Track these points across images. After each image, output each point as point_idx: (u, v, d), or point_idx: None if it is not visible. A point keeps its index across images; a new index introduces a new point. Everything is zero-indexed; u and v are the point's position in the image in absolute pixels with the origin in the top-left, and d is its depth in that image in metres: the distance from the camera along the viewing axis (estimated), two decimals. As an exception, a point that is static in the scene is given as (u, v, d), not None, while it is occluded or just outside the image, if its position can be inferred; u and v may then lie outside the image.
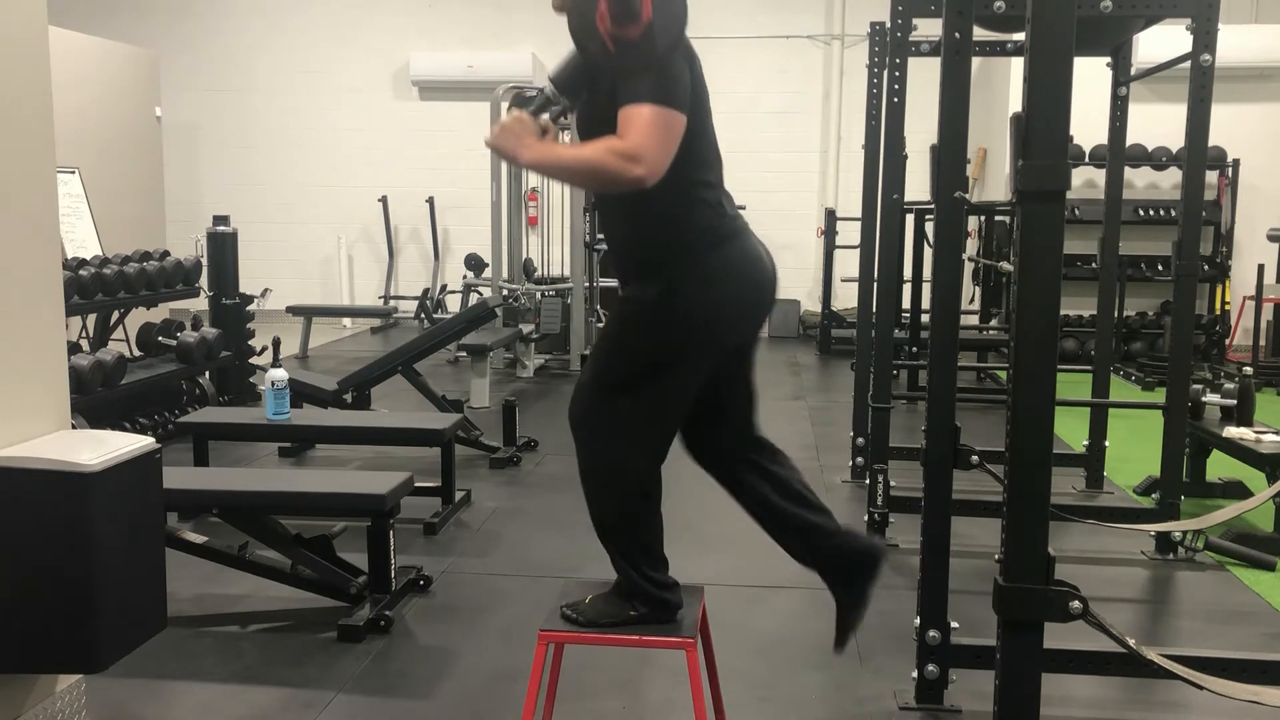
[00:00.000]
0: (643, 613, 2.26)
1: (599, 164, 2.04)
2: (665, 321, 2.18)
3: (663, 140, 2.04)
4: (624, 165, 2.02)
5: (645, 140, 2.01)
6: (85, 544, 2.21)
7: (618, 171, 2.03)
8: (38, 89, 2.40)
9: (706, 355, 2.25)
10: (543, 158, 2.16)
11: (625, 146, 2.02)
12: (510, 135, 2.16)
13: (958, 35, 2.72)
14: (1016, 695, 2.04)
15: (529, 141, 2.15)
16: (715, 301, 2.19)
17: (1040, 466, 1.96)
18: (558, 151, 2.16)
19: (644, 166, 2.01)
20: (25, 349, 2.37)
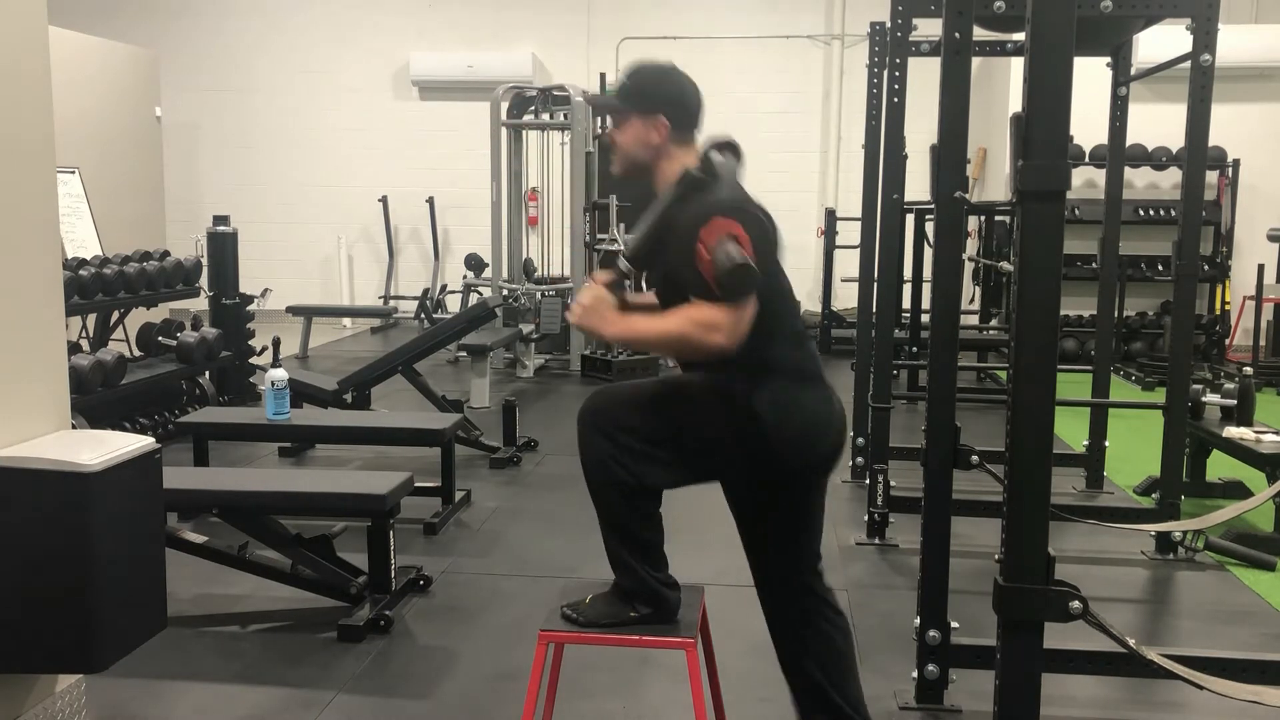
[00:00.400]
0: (643, 613, 2.25)
1: (682, 334, 2.13)
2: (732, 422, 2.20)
3: (741, 315, 2.10)
4: (705, 334, 2.09)
5: (722, 314, 2.08)
6: (85, 544, 2.20)
7: (700, 340, 2.10)
8: (38, 89, 2.40)
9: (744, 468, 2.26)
10: (626, 332, 2.26)
11: (704, 317, 2.09)
12: (593, 314, 2.24)
13: (958, 35, 2.72)
14: (1016, 695, 2.03)
15: (611, 317, 2.24)
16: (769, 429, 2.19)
17: (1040, 466, 1.96)
18: (639, 326, 2.23)
19: (723, 334, 2.09)
20: (25, 349, 2.37)
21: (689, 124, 2.31)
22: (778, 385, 2.21)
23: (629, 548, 2.26)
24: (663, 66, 2.36)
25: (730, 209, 2.13)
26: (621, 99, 2.31)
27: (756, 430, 2.19)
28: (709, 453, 2.24)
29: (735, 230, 2.08)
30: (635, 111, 2.28)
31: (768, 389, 2.20)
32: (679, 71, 2.35)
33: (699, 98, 2.33)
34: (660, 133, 2.27)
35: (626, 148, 2.31)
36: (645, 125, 2.27)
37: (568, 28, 10.61)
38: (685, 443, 2.24)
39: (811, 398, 2.26)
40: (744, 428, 2.19)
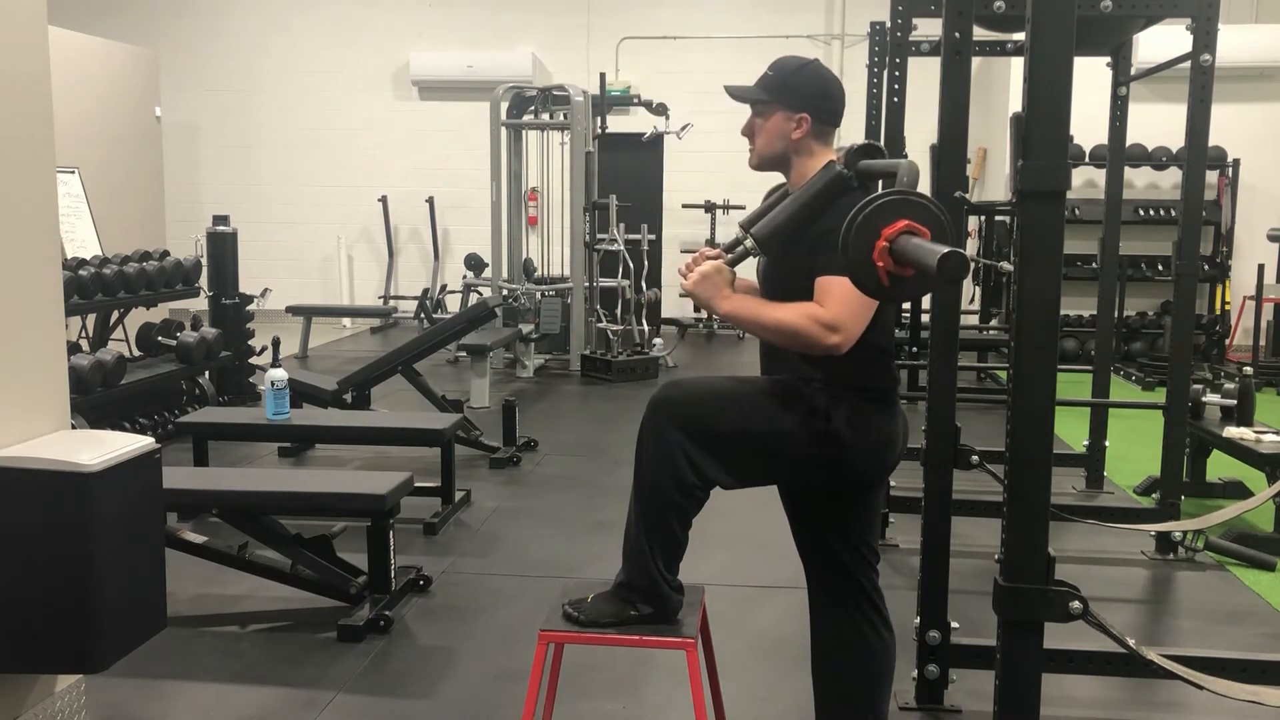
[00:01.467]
0: (644, 612, 2.25)
1: (799, 328, 2.11)
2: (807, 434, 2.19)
3: (861, 311, 2.10)
4: (823, 333, 2.09)
5: (844, 311, 2.08)
6: (85, 544, 2.20)
7: (816, 339, 2.10)
8: (38, 89, 2.40)
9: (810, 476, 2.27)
10: (741, 310, 2.22)
11: (826, 316, 2.09)
12: (709, 285, 2.22)
13: (958, 35, 2.72)
14: (1016, 695, 2.03)
15: (726, 292, 2.22)
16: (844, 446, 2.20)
17: (1040, 466, 1.96)
18: (757, 309, 2.21)
19: (841, 336, 2.09)
20: (25, 349, 2.37)
21: (831, 121, 2.29)
22: (857, 404, 2.21)
23: (656, 542, 2.24)
24: (807, 61, 2.33)
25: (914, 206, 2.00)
26: (766, 91, 2.29)
27: (830, 445, 2.19)
28: (776, 457, 2.24)
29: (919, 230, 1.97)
30: (780, 104, 2.27)
31: (847, 406, 2.20)
32: (824, 67, 2.33)
33: (843, 97, 2.32)
34: (802, 128, 2.26)
35: (767, 140, 2.29)
36: (787, 119, 2.26)
37: (568, 28, 10.61)
38: (755, 444, 2.23)
39: (885, 417, 2.26)
40: (818, 440, 2.19)
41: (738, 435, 2.22)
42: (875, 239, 1.96)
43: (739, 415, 2.24)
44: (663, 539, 2.25)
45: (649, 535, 2.24)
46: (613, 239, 8.06)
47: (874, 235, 1.96)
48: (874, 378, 2.26)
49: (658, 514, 2.24)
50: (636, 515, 2.26)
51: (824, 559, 2.37)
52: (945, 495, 2.77)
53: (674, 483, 2.21)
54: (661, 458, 2.21)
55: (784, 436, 2.21)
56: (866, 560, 2.37)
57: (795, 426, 2.20)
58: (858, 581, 2.35)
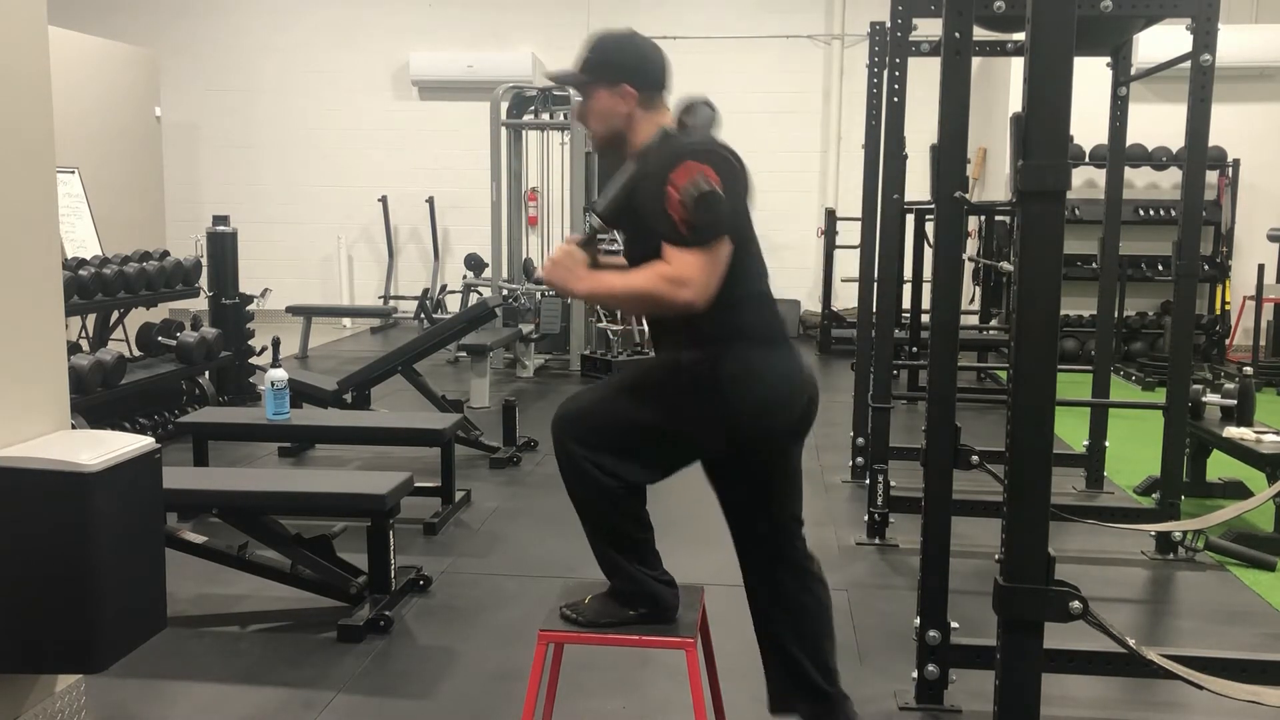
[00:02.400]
0: (642, 613, 2.25)
1: (649, 290, 2.11)
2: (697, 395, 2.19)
3: (707, 264, 2.09)
4: (672, 289, 2.08)
5: (690, 265, 2.08)
6: (85, 544, 2.20)
7: (668, 296, 2.09)
8: (38, 89, 2.40)
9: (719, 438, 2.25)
10: (595, 288, 2.23)
11: (674, 272, 2.08)
12: (562, 269, 2.22)
13: (958, 35, 2.72)
14: (1016, 695, 2.03)
15: (580, 273, 2.22)
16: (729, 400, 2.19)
17: (1040, 466, 1.96)
18: (608, 281, 2.22)
19: (691, 290, 2.08)
20: (25, 349, 2.37)
21: (655, 87, 2.29)
22: (740, 354, 2.19)
23: (620, 551, 2.26)
24: (621, 34, 2.34)
25: (700, 152, 2.11)
26: (584, 72, 2.29)
27: (723, 403, 2.18)
28: (681, 435, 2.24)
29: (706, 172, 2.05)
30: (600, 83, 2.27)
31: (730, 359, 2.18)
32: (638, 36, 2.33)
33: (663, 59, 2.32)
34: (628, 101, 2.25)
35: (598, 121, 2.30)
36: (612, 95, 2.26)
37: (567, 28, 10.60)
38: (652, 432, 2.23)
39: (776, 362, 2.24)
40: (710, 403, 2.18)
41: (631, 429, 2.23)
42: (663, 185, 2.00)
43: (629, 409, 2.24)
44: (624, 546, 2.26)
45: (611, 547, 2.27)
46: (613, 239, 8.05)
47: (662, 184, 2.00)
48: (751, 325, 2.23)
49: (603, 524, 2.26)
50: (590, 534, 2.29)
51: (746, 529, 2.39)
52: (945, 495, 2.77)
53: (598, 492, 2.23)
54: (575, 474, 2.24)
55: (673, 413, 2.21)
56: (788, 529, 2.38)
57: (680, 398, 2.20)
58: (781, 553, 2.37)
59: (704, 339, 2.19)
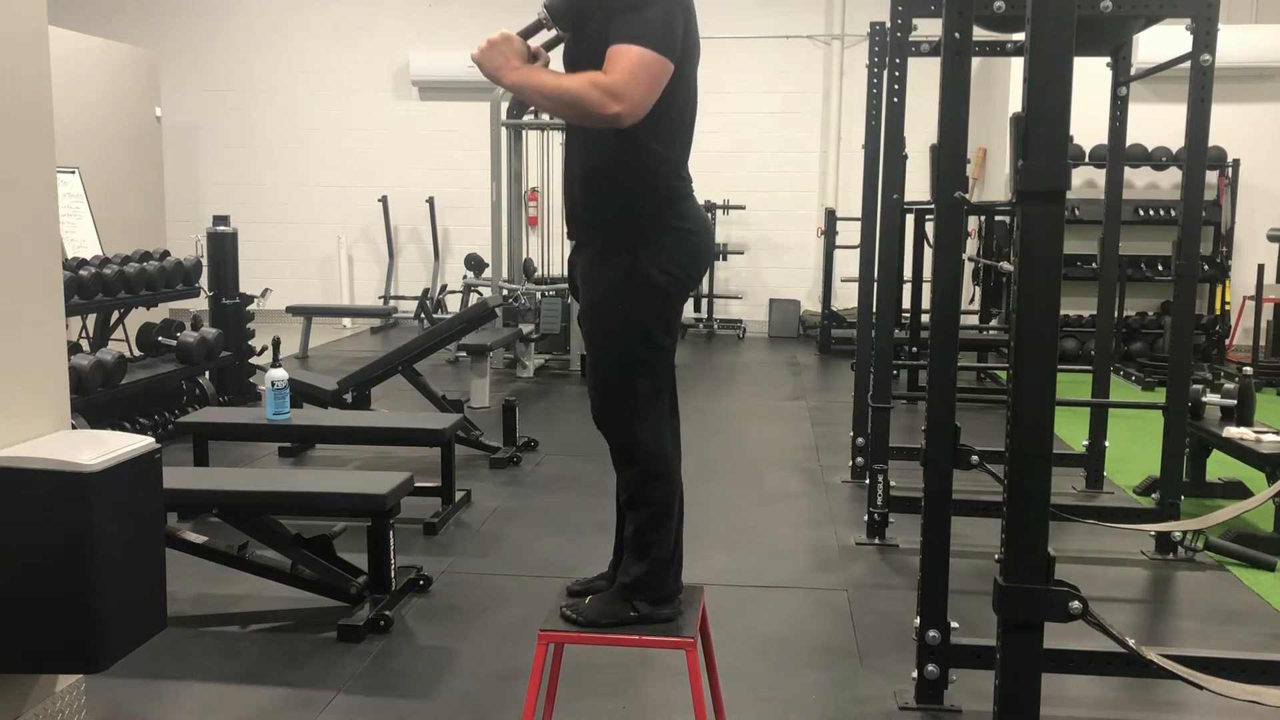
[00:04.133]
0: (643, 612, 2.25)
1: (580, 95, 2.04)
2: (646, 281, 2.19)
3: (647, 82, 2.05)
4: (604, 100, 2.02)
5: (629, 79, 2.02)
6: (85, 544, 2.20)
7: (597, 106, 2.03)
8: (38, 89, 2.40)
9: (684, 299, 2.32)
10: (525, 80, 2.15)
11: (609, 82, 2.02)
12: (497, 53, 2.16)
13: (958, 35, 2.73)
14: (1016, 695, 2.04)
15: (515, 63, 2.15)
16: (685, 247, 2.23)
17: (1040, 466, 1.96)
18: (540, 76, 2.14)
19: (624, 104, 2.03)
20: (25, 349, 2.37)
21: None
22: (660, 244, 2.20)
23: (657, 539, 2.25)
24: None
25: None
26: None
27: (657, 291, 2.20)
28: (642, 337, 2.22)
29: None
30: None
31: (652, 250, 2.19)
32: None
33: None
34: None
35: None
36: None
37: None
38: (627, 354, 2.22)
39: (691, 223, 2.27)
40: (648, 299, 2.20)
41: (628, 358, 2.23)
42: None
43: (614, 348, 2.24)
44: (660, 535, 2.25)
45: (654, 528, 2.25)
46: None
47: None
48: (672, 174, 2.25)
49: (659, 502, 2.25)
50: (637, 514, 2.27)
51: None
52: (945, 495, 2.77)
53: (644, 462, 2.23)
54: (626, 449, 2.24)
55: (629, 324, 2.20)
56: None
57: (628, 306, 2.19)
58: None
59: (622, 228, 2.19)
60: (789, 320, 10.33)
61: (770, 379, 8.09)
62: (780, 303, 10.41)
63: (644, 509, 2.26)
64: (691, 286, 2.33)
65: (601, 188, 2.23)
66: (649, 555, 2.25)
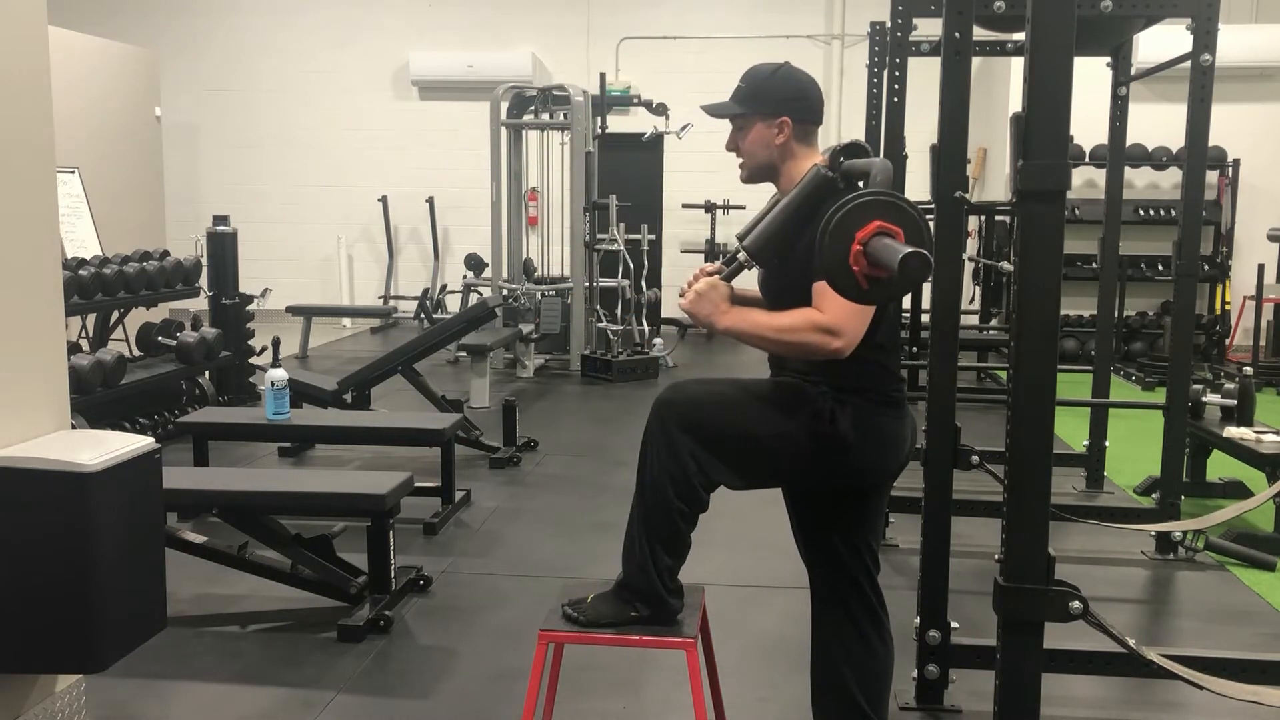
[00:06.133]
0: (643, 613, 2.25)
1: (800, 338, 2.11)
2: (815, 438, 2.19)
3: (859, 314, 2.09)
4: (824, 339, 2.08)
5: (843, 314, 2.07)
6: (85, 544, 2.20)
7: (818, 344, 2.09)
8: (38, 89, 2.40)
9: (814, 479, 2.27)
10: (740, 325, 2.20)
11: (826, 321, 2.08)
12: (706, 302, 2.20)
13: (958, 35, 2.72)
14: (1016, 695, 2.03)
15: (725, 308, 2.21)
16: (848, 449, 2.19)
17: (1040, 466, 1.96)
18: (756, 320, 2.20)
19: (842, 340, 2.08)
20: (25, 349, 2.37)
21: (812, 120, 2.31)
22: (862, 406, 2.21)
23: (657, 544, 2.23)
24: (779, 66, 2.34)
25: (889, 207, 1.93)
26: (741, 103, 2.29)
27: (835, 448, 2.19)
28: (781, 459, 2.23)
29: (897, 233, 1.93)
30: (758, 113, 2.28)
31: (852, 408, 2.19)
32: (796, 69, 2.33)
33: (820, 94, 2.33)
34: (784, 132, 2.27)
35: (752, 152, 2.30)
36: (768, 127, 2.27)
37: (568, 28, 10.61)
38: (760, 446, 2.23)
39: (891, 419, 2.25)
40: (823, 443, 2.19)
41: (743, 437, 2.22)
42: (849, 242, 1.95)
43: (744, 418, 2.23)
44: (665, 541, 2.24)
45: (650, 537, 2.24)
46: (613, 239, 8.06)
47: (848, 239, 1.94)
48: (880, 379, 2.25)
49: (661, 515, 2.23)
50: (639, 516, 2.26)
51: (825, 559, 2.37)
52: (945, 495, 2.77)
53: (678, 484, 2.20)
54: (668, 458, 2.21)
55: (788, 439, 2.21)
56: (866, 563, 2.36)
57: (799, 429, 2.20)
58: (857, 582, 2.35)
59: (837, 382, 2.20)
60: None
61: (770, 379, 8.08)
62: (780, 303, 10.40)
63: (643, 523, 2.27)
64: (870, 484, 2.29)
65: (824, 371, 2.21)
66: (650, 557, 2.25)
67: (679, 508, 2.22)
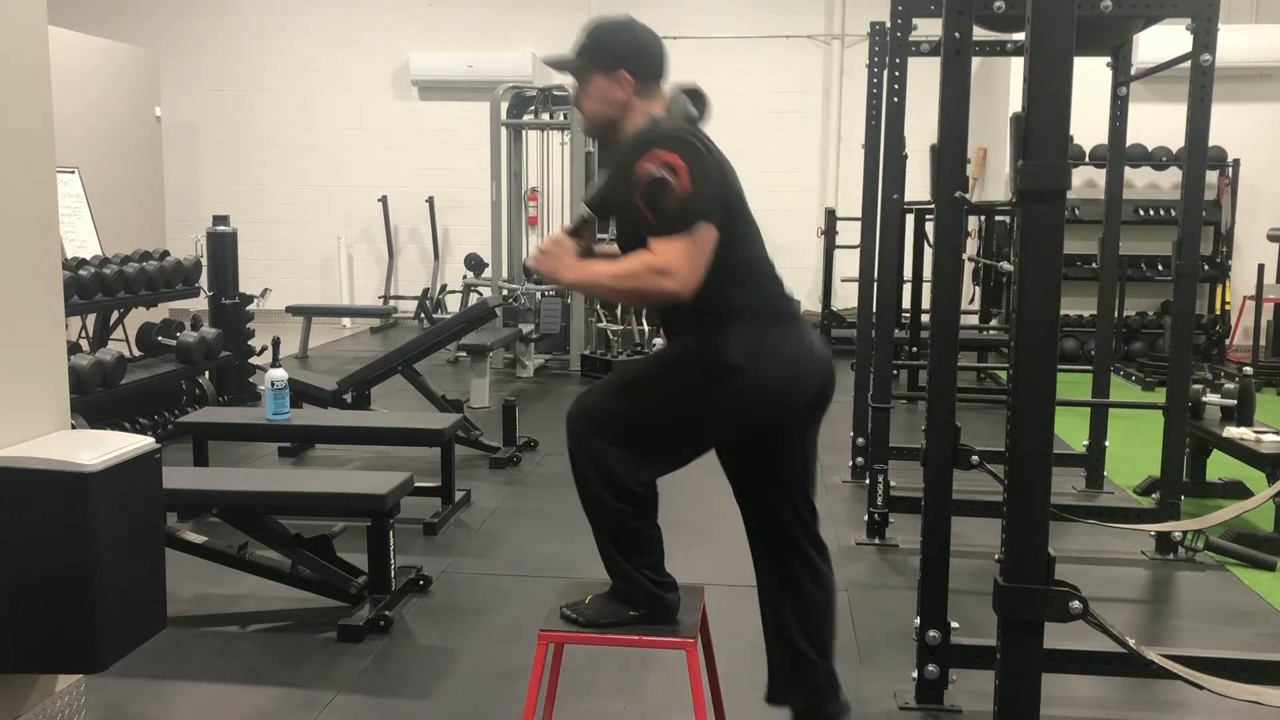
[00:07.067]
0: (643, 613, 2.25)
1: (635, 280, 2.11)
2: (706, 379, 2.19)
3: (691, 253, 2.08)
4: (657, 280, 2.08)
5: (674, 254, 2.07)
6: (85, 544, 2.20)
7: (653, 287, 2.09)
8: (38, 89, 2.40)
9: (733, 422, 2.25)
10: (582, 278, 2.24)
11: (657, 262, 2.08)
12: (551, 258, 2.23)
13: (958, 35, 2.72)
14: (1016, 695, 2.03)
15: (569, 262, 2.23)
16: (741, 372, 2.17)
17: (1040, 466, 1.96)
18: (595, 271, 2.22)
19: (675, 280, 2.07)
20: (25, 349, 2.37)
21: (653, 75, 2.28)
22: (747, 331, 2.18)
23: (625, 551, 2.25)
24: (620, 20, 2.33)
25: (665, 138, 2.10)
26: (581, 57, 2.28)
27: (729, 376, 2.16)
28: (692, 423, 2.23)
29: (672, 160, 2.05)
30: (596, 69, 2.26)
31: (736, 337, 2.17)
32: (637, 23, 2.32)
33: (660, 47, 2.31)
34: (624, 88, 2.25)
35: (592, 107, 2.29)
36: (608, 82, 2.25)
37: (568, 28, 10.50)
38: (670, 423, 2.23)
39: (786, 339, 2.23)
40: (718, 378, 2.17)
41: (648, 421, 2.23)
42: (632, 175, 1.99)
43: (641, 403, 2.24)
44: (629, 545, 2.25)
45: (616, 547, 2.25)
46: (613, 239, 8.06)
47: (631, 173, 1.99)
48: (755, 300, 2.22)
49: (613, 524, 2.25)
50: (597, 533, 2.28)
51: (754, 509, 2.38)
52: (945, 495, 2.77)
53: (615, 490, 2.22)
54: (594, 471, 2.22)
55: (685, 399, 2.20)
56: (801, 515, 2.37)
57: (690, 381, 2.19)
58: (785, 528, 2.36)
59: (707, 322, 2.18)
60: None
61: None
62: (780, 303, 10.40)
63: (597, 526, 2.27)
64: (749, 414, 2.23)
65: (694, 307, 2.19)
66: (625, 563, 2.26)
67: (626, 512, 2.23)
